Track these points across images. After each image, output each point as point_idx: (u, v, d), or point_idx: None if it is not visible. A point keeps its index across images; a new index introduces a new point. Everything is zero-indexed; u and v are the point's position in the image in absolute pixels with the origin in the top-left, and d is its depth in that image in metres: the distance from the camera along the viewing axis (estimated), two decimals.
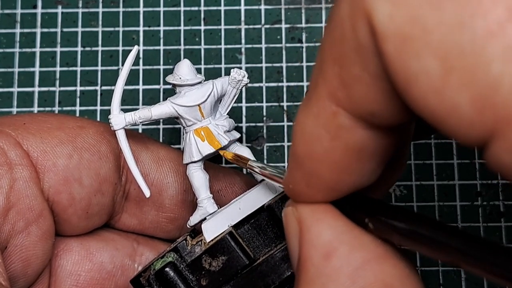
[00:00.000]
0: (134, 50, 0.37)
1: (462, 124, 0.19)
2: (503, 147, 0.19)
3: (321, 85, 0.23)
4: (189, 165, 0.37)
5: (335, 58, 0.23)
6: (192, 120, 0.37)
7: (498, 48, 0.18)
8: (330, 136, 0.24)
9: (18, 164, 0.35)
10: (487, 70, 0.18)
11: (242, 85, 0.38)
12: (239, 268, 0.34)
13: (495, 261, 0.20)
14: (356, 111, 0.23)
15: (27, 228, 0.35)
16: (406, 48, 0.20)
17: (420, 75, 0.20)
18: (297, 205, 0.27)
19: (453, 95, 0.19)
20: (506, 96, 0.18)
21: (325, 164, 0.24)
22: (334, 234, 0.25)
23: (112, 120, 0.36)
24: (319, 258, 0.25)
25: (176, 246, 0.36)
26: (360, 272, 0.24)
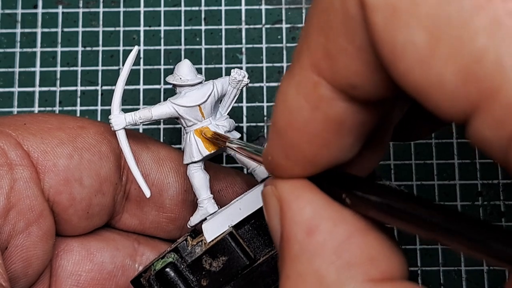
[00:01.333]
0: (134, 50, 0.37)
1: (446, 97, 0.19)
2: (484, 122, 0.19)
3: (305, 55, 0.23)
4: (190, 165, 0.37)
5: (321, 28, 0.22)
6: (193, 121, 0.37)
7: (484, 21, 0.18)
8: (311, 107, 0.24)
9: (18, 164, 0.35)
10: (473, 43, 0.18)
11: (243, 85, 0.38)
12: (240, 268, 0.34)
13: (473, 234, 0.20)
14: (338, 83, 0.23)
15: (27, 229, 0.35)
16: (394, 19, 0.20)
17: (407, 47, 0.20)
18: (276, 183, 0.26)
19: (438, 66, 0.19)
20: (489, 69, 0.18)
21: (304, 135, 0.24)
22: (315, 210, 0.25)
23: (112, 120, 0.36)
24: (302, 234, 0.24)
25: (176, 247, 0.36)
26: (344, 246, 0.24)
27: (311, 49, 0.23)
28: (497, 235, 0.19)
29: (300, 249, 0.24)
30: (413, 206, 0.22)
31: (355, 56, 0.22)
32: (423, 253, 0.45)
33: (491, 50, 0.18)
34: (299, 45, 0.24)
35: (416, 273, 0.44)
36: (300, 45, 0.24)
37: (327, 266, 0.24)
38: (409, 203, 0.22)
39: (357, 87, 0.22)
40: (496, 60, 0.18)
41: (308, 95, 0.23)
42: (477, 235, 0.20)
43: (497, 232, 0.19)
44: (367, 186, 0.24)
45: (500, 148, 0.19)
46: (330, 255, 0.24)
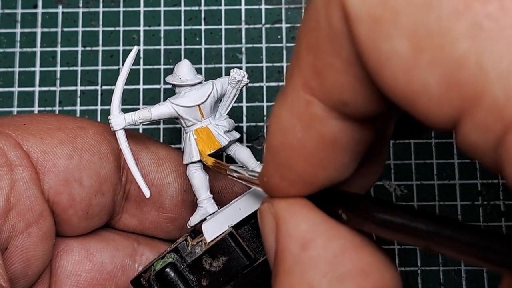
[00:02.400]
0: (134, 50, 0.37)
1: (431, 105, 0.19)
2: (470, 127, 0.19)
3: (296, 74, 0.23)
4: (189, 165, 0.37)
5: (309, 47, 0.23)
6: (192, 121, 0.37)
7: (464, 26, 0.18)
8: (304, 127, 0.24)
9: (18, 165, 0.35)
10: (454, 48, 0.18)
11: (242, 85, 0.38)
12: (240, 268, 0.34)
13: (466, 241, 0.20)
14: (329, 101, 0.23)
15: (27, 229, 0.35)
16: (377, 30, 0.20)
17: (391, 56, 0.20)
18: (273, 200, 0.26)
19: (422, 74, 0.19)
20: (472, 74, 0.18)
21: (299, 156, 0.24)
22: (311, 226, 0.25)
23: (112, 120, 0.36)
24: (296, 248, 0.25)
25: (176, 247, 0.36)
26: (338, 259, 0.24)
27: (301, 68, 0.23)
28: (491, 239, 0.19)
29: (294, 262, 0.25)
30: (408, 218, 0.22)
31: (343, 70, 0.22)
32: (423, 253, 0.45)
33: (472, 55, 0.18)
34: (291, 66, 0.24)
35: (416, 273, 0.44)
36: (291, 65, 0.24)
37: (320, 279, 0.24)
38: (402, 216, 0.22)
39: (348, 104, 0.23)
40: (478, 64, 0.18)
41: (301, 115, 0.24)
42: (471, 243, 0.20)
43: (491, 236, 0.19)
44: (362, 202, 0.25)
45: (488, 152, 0.19)
46: (324, 268, 0.24)
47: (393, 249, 0.45)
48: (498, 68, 0.18)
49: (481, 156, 0.19)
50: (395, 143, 0.46)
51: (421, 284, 0.44)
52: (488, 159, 0.19)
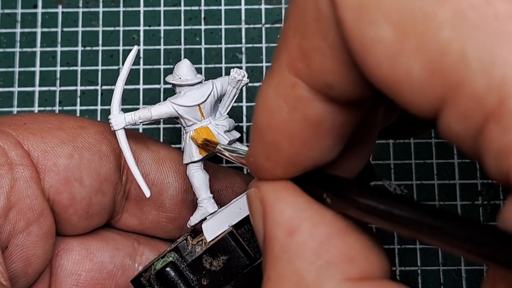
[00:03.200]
0: (134, 50, 0.37)
1: (414, 92, 0.20)
2: (451, 115, 0.19)
3: (282, 55, 0.24)
4: (189, 165, 0.37)
5: (296, 28, 0.23)
6: (192, 120, 0.37)
7: (448, 13, 0.18)
8: (289, 108, 0.24)
9: (18, 164, 0.35)
10: (437, 36, 0.19)
11: (242, 85, 0.38)
12: (240, 267, 0.34)
13: (450, 231, 0.20)
14: (314, 83, 0.23)
15: (27, 228, 0.35)
16: (362, 15, 0.20)
17: (375, 42, 0.20)
18: (259, 185, 0.26)
19: (406, 61, 0.19)
20: (454, 62, 0.18)
21: (284, 136, 0.24)
22: (296, 211, 0.25)
23: (112, 120, 0.36)
24: (283, 235, 0.25)
25: (176, 246, 0.36)
26: (324, 246, 0.24)
27: (288, 49, 0.23)
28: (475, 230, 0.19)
29: (281, 250, 0.25)
30: (394, 206, 0.22)
31: (329, 54, 0.22)
32: (423, 253, 0.45)
33: (455, 43, 0.18)
34: (278, 46, 0.24)
35: (416, 273, 0.44)
36: (278, 45, 0.24)
37: (307, 266, 0.24)
38: (388, 202, 0.22)
39: (333, 87, 0.23)
40: (460, 52, 0.18)
41: (286, 96, 0.24)
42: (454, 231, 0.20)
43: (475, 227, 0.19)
44: (347, 186, 0.25)
45: (469, 140, 0.19)
46: (310, 256, 0.24)
47: (393, 249, 0.45)
48: (479, 58, 0.18)
49: (462, 145, 0.20)
50: (395, 143, 0.46)
51: (421, 284, 0.44)
52: (468, 148, 0.19)
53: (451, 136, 0.20)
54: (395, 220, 0.22)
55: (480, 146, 0.19)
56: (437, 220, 0.20)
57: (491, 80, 0.18)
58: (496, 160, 0.19)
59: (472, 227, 0.19)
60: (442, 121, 0.20)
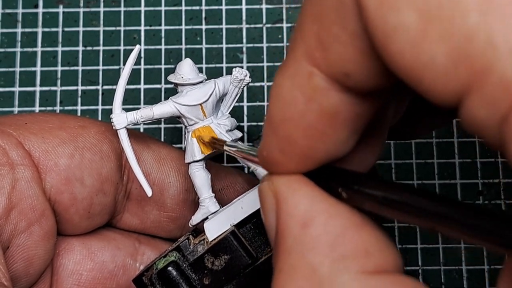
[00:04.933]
0: (135, 49, 0.37)
1: (437, 78, 0.19)
2: (476, 102, 0.19)
3: (299, 44, 0.23)
4: (191, 165, 0.37)
5: (314, 16, 0.22)
6: (194, 120, 0.37)
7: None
8: (305, 98, 0.23)
9: (20, 164, 0.35)
10: (464, 21, 0.18)
11: (244, 84, 0.38)
12: (242, 267, 0.34)
13: (471, 222, 0.20)
14: (332, 72, 0.23)
15: (29, 228, 0.35)
16: (385, 2, 0.20)
17: (399, 29, 0.19)
18: (273, 178, 0.26)
19: (430, 47, 0.19)
20: (481, 48, 0.18)
21: (299, 129, 0.24)
22: (311, 204, 0.24)
23: (114, 119, 0.36)
24: (296, 227, 0.24)
25: (178, 245, 0.36)
26: (339, 239, 0.23)
27: (304, 38, 0.23)
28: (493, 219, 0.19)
29: (294, 242, 0.24)
30: (412, 198, 0.22)
31: (348, 43, 0.22)
32: (424, 253, 0.45)
33: (482, 29, 0.18)
34: (293, 36, 0.24)
35: (417, 273, 0.44)
36: (294, 35, 0.24)
37: (321, 259, 0.23)
38: (404, 193, 0.22)
39: (351, 76, 0.22)
40: (488, 38, 0.18)
41: (302, 87, 0.23)
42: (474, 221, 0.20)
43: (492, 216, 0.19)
44: (362, 180, 0.24)
45: (493, 127, 0.19)
46: (324, 248, 0.23)
47: None
48: (508, 43, 0.18)
49: (485, 133, 0.19)
50: (396, 143, 0.46)
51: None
52: (491, 136, 0.19)
53: (474, 123, 0.19)
54: (412, 211, 0.21)
55: (504, 134, 0.18)
56: (455, 210, 0.20)
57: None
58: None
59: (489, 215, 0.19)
60: (465, 109, 0.19)
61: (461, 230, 0.20)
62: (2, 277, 0.31)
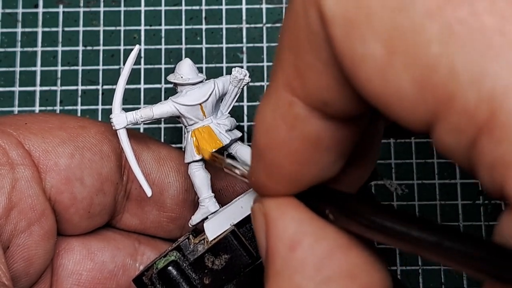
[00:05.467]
0: (135, 49, 0.37)
1: (405, 107, 0.20)
2: (444, 129, 0.19)
3: (278, 74, 0.24)
4: (191, 164, 0.37)
5: (290, 46, 0.23)
6: (194, 119, 0.37)
7: (435, 29, 0.18)
8: (287, 127, 0.24)
9: (20, 164, 0.35)
10: (426, 51, 0.19)
11: (244, 84, 0.38)
12: (242, 266, 0.34)
13: (449, 246, 0.20)
14: (310, 101, 0.23)
15: (29, 228, 0.35)
16: (351, 32, 0.20)
17: (365, 58, 0.20)
18: (263, 200, 0.27)
19: (396, 76, 0.19)
20: (444, 77, 0.18)
21: (283, 155, 0.24)
22: (298, 226, 0.25)
23: (113, 119, 0.36)
24: (284, 249, 0.25)
25: (179, 245, 0.36)
26: (325, 262, 0.24)
27: (283, 68, 0.23)
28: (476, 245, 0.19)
29: (283, 265, 0.25)
30: (396, 222, 0.22)
31: (323, 71, 0.22)
32: None
33: (444, 58, 0.18)
34: (274, 65, 0.24)
35: (417, 272, 0.44)
36: (274, 65, 0.24)
37: (307, 282, 0.24)
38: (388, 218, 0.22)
39: (329, 104, 0.23)
40: (450, 67, 0.18)
41: (284, 115, 0.24)
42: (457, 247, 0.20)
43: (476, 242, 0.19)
44: (349, 202, 0.25)
45: (462, 154, 0.19)
46: (311, 271, 0.24)
47: (394, 248, 0.45)
48: (468, 72, 0.18)
49: (455, 158, 0.20)
50: (396, 142, 0.46)
51: (422, 284, 0.44)
52: (462, 161, 0.19)
53: (445, 149, 0.20)
54: (396, 236, 0.22)
55: (473, 159, 0.19)
56: (437, 236, 0.20)
57: (481, 93, 0.18)
58: (489, 173, 0.19)
59: (470, 242, 0.19)
60: (435, 135, 0.20)
61: (440, 255, 0.20)
62: (3, 277, 0.31)
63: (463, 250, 0.19)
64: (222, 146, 0.37)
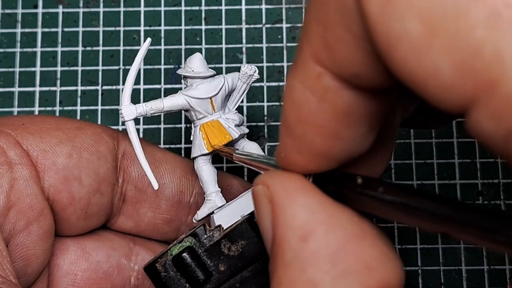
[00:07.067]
0: (147, 42, 0.37)
1: (442, 89, 0.19)
2: (483, 114, 0.19)
3: (305, 47, 0.23)
4: (198, 159, 0.37)
5: (319, 19, 0.22)
6: (203, 113, 0.37)
7: (481, 13, 0.18)
8: (317, 99, 0.23)
9: (18, 163, 0.35)
10: (470, 35, 0.18)
11: (253, 80, 0.39)
12: (258, 253, 0.34)
13: (484, 225, 0.20)
14: (340, 72, 0.22)
15: (27, 227, 0.35)
16: (389, 10, 0.19)
17: (402, 38, 0.19)
18: (268, 182, 0.26)
19: (434, 58, 0.19)
20: (488, 61, 0.18)
21: (314, 128, 0.24)
22: (309, 214, 0.24)
23: (123, 110, 0.36)
24: (296, 240, 0.24)
25: (194, 231, 0.35)
26: (339, 253, 0.23)
27: (310, 40, 0.23)
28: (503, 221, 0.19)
29: (294, 256, 0.24)
30: (427, 203, 0.21)
31: (353, 45, 0.21)
32: (424, 253, 0.45)
33: (490, 43, 0.18)
34: (300, 38, 0.24)
35: (416, 273, 0.44)
36: (301, 38, 0.24)
37: (322, 276, 0.23)
38: (422, 199, 0.22)
39: (360, 76, 0.22)
40: (495, 52, 0.18)
41: (313, 87, 0.23)
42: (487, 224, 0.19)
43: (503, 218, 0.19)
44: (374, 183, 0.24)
45: (500, 140, 0.19)
46: (325, 264, 0.23)
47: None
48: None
49: (491, 143, 0.19)
50: (395, 142, 0.46)
51: (422, 284, 0.44)
52: (498, 147, 0.19)
53: (481, 134, 0.19)
54: (429, 218, 0.21)
55: (510, 147, 0.18)
56: (466, 215, 0.20)
57: None
58: None
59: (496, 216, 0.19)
60: (471, 119, 0.19)
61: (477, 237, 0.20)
62: (10, 275, 0.31)
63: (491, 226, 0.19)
64: (232, 140, 0.37)
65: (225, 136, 0.37)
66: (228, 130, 0.37)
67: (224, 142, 0.37)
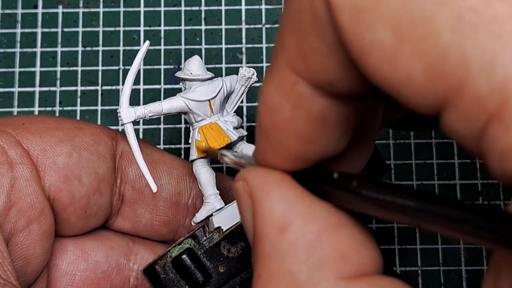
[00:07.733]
0: (145, 45, 0.37)
1: (415, 93, 0.20)
2: (454, 116, 0.19)
3: (280, 55, 0.23)
4: (196, 161, 0.37)
5: (293, 29, 0.23)
6: (202, 116, 0.37)
7: (446, 17, 0.18)
8: (291, 105, 0.24)
9: (18, 162, 0.35)
10: (436, 40, 0.19)
11: (251, 83, 0.39)
12: None
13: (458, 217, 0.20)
14: (315, 81, 0.23)
15: (28, 227, 0.35)
16: (359, 19, 0.20)
17: (374, 46, 0.20)
18: (247, 178, 0.26)
19: (405, 64, 0.19)
20: (454, 65, 0.18)
21: (289, 133, 0.24)
22: (287, 207, 0.24)
23: (121, 113, 0.36)
24: (274, 233, 0.24)
25: (194, 233, 0.35)
26: (316, 244, 0.23)
27: (285, 49, 0.23)
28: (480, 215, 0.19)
29: (272, 248, 0.24)
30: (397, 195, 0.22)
31: (327, 54, 0.22)
32: (423, 253, 0.45)
33: (455, 46, 0.18)
34: (275, 46, 0.24)
35: (416, 273, 0.44)
36: (275, 45, 0.24)
37: (299, 266, 0.23)
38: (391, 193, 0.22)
39: (334, 84, 0.23)
40: (460, 55, 0.18)
41: (287, 95, 0.24)
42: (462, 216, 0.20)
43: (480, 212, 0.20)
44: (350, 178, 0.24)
45: (471, 140, 0.19)
46: (302, 254, 0.23)
47: (394, 249, 0.45)
48: (480, 61, 0.18)
49: (464, 143, 0.20)
50: (395, 143, 0.46)
51: (422, 284, 0.44)
52: (471, 147, 0.20)
53: (454, 135, 0.20)
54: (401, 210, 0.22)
55: (483, 146, 0.19)
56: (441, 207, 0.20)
57: (492, 82, 0.18)
58: (499, 161, 0.19)
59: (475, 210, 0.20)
60: (444, 121, 0.20)
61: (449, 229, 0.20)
62: (10, 277, 0.31)
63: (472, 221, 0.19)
64: (230, 142, 0.37)
65: (224, 138, 0.37)
66: (226, 133, 0.37)
67: (223, 144, 0.37)
